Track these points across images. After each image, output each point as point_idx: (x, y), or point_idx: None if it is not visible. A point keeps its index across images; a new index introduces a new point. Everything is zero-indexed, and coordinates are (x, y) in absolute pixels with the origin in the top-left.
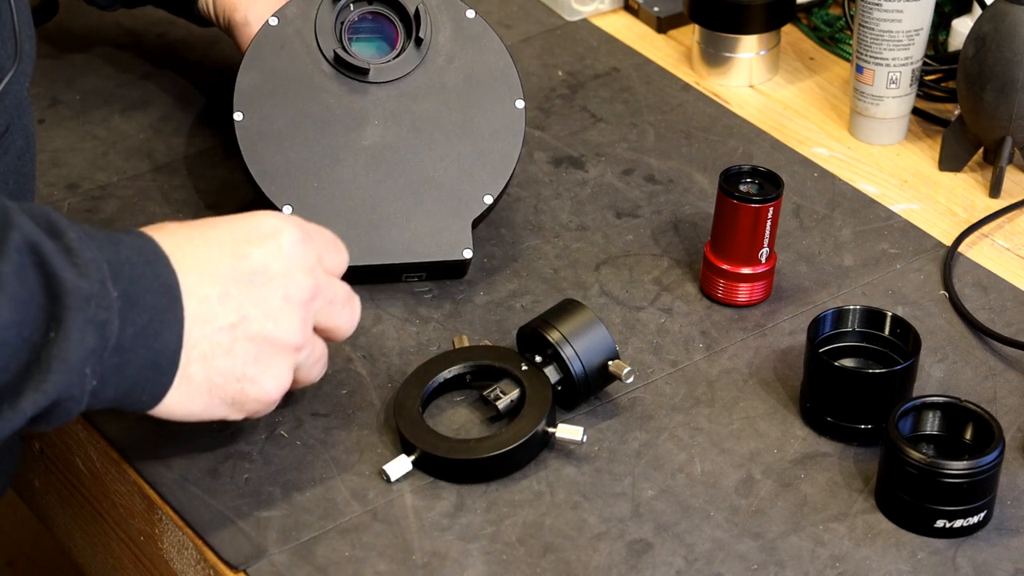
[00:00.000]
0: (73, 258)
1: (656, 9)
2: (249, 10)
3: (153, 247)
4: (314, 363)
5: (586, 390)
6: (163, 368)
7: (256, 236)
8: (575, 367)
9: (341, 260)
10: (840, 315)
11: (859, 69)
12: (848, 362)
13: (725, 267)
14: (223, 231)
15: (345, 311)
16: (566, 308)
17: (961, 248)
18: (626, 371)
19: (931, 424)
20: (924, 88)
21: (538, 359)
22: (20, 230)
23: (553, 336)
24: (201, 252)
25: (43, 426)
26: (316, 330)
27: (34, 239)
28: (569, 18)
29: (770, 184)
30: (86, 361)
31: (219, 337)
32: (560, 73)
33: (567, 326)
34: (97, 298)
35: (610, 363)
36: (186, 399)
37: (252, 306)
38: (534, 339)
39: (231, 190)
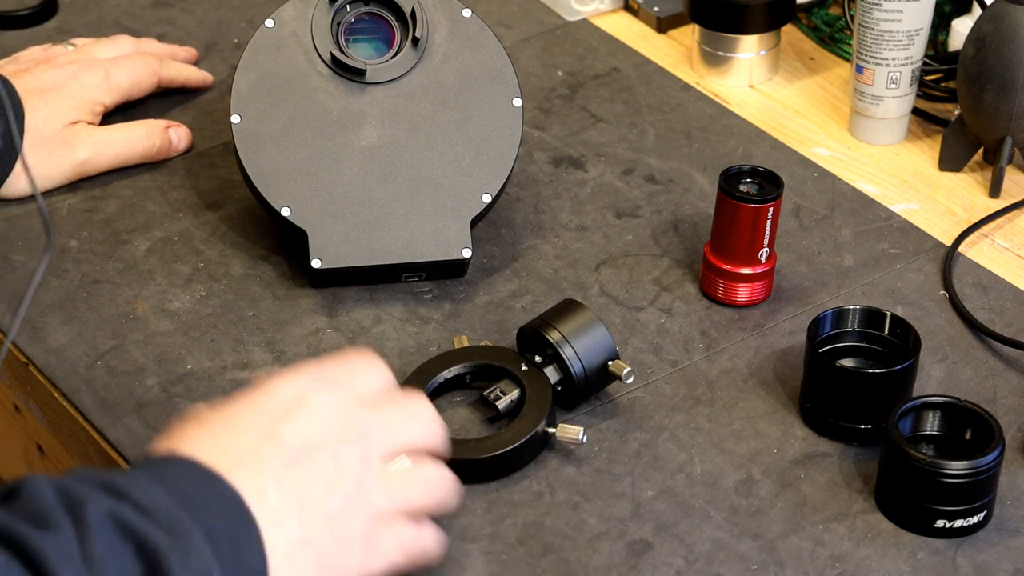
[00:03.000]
0: (153, 516)
1: (656, 9)
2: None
3: (200, 468)
4: (407, 491)
5: (586, 390)
6: None
7: (280, 411)
8: (575, 367)
9: (378, 375)
10: (840, 315)
11: (859, 69)
12: (848, 362)
13: (725, 267)
14: (245, 422)
15: (411, 420)
16: (566, 308)
17: (961, 248)
18: (626, 371)
19: (931, 424)
20: (924, 88)
21: (538, 359)
22: (94, 503)
23: (553, 336)
24: (236, 446)
25: None
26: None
27: (111, 508)
28: (569, 18)
29: (770, 184)
30: None
31: (292, 532)
32: (560, 73)
33: (567, 326)
34: (192, 550)
35: (610, 363)
36: None
37: (308, 485)
38: (534, 339)
39: (231, 190)
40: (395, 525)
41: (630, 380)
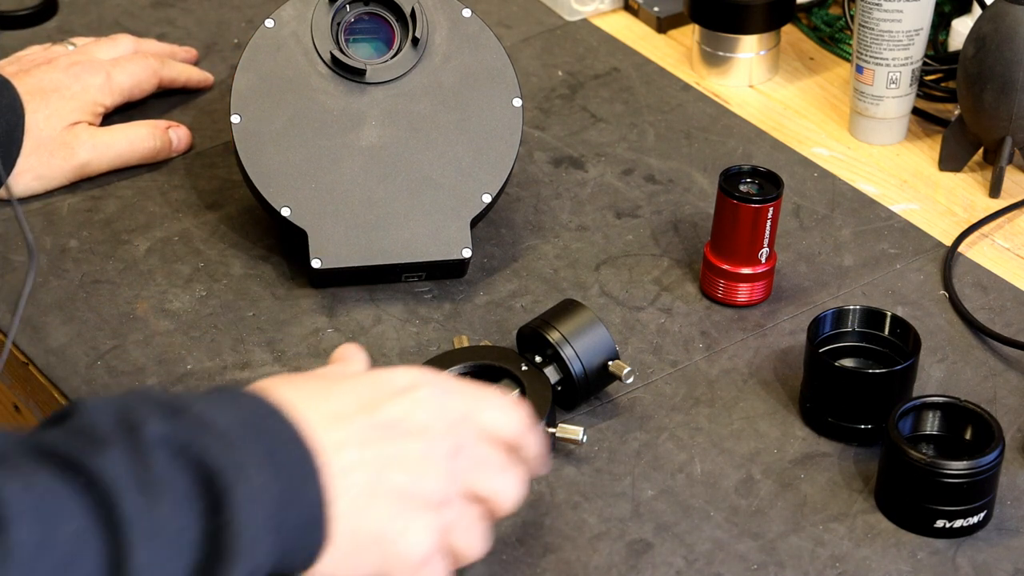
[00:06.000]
0: (213, 431)
1: (656, 9)
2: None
3: (273, 405)
4: (468, 530)
5: (586, 390)
6: (314, 524)
7: (389, 389)
8: (575, 367)
9: (504, 418)
10: (840, 315)
11: (859, 69)
12: (848, 362)
13: (725, 267)
14: (348, 390)
15: (501, 478)
16: (566, 308)
17: (961, 248)
18: (626, 371)
19: (931, 424)
20: (924, 88)
21: (538, 359)
22: (150, 424)
23: (553, 336)
24: (329, 405)
25: None
26: (469, 498)
27: (167, 430)
28: (569, 18)
29: (770, 184)
30: (262, 530)
31: (360, 487)
32: (560, 73)
33: (567, 326)
34: (248, 465)
35: (610, 363)
36: (335, 559)
37: (391, 458)
38: (534, 339)
39: (231, 190)
40: (464, 529)
41: (630, 380)
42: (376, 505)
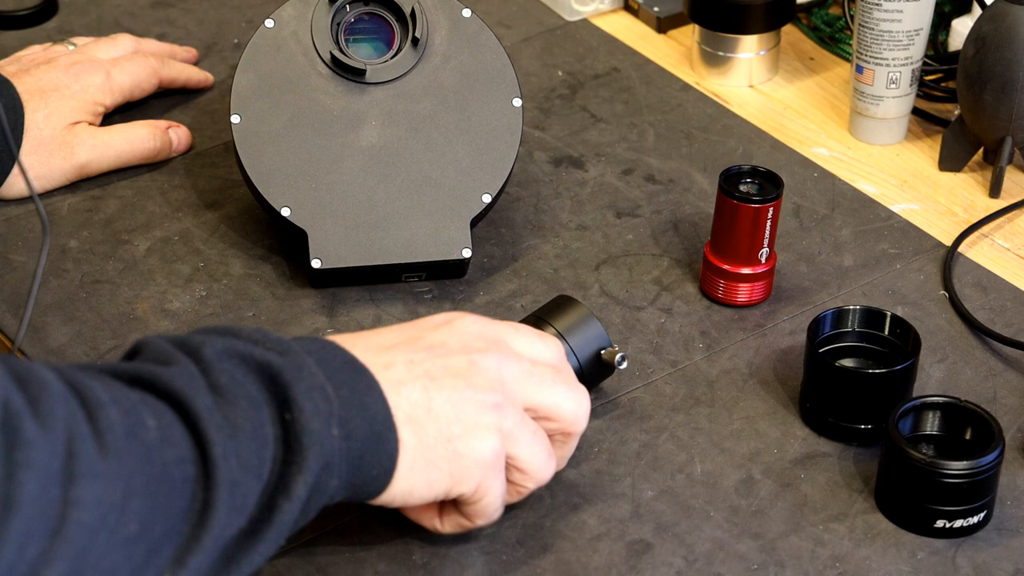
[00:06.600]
0: (266, 344)
1: (656, 9)
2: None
3: (322, 338)
4: (530, 442)
5: (584, 384)
6: (383, 435)
7: (428, 326)
8: (571, 362)
9: (541, 345)
10: (840, 315)
11: (859, 69)
12: (848, 362)
13: (725, 267)
14: (391, 330)
15: (556, 390)
16: (559, 304)
17: (961, 248)
18: (618, 356)
19: (931, 424)
20: (924, 88)
21: None
22: (209, 344)
23: (548, 332)
24: (374, 340)
25: (311, 511)
26: (529, 412)
27: (225, 345)
28: (569, 18)
29: (770, 184)
30: (327, 423)
31: (415, 397)
32: (560, 73)
33: (561, 322)
34: (305, 367)
35: (602, 352)
36: (408, 472)
37: (439, 369)
38: None
39: (231, 190)
40: (526, 440)
41: (623, 366)
42: (434, 413)
